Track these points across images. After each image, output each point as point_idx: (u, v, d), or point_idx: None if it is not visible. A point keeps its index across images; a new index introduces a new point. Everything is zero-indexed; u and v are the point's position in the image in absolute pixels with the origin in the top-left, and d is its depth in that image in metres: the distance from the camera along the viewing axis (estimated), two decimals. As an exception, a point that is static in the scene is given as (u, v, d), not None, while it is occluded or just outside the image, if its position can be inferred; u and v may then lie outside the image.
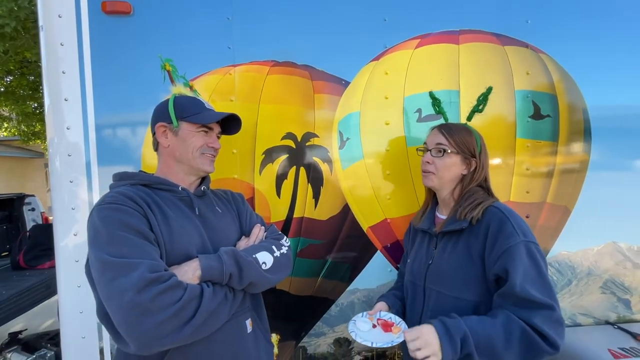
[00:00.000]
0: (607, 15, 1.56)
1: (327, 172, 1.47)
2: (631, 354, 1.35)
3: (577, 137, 1.57)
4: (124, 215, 0.85)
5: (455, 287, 1.07)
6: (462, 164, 1.15)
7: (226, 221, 1.08)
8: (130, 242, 0.82)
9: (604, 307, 1.63)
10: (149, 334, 0.76)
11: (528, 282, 0.95)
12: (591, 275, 1.63)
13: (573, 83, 1.55)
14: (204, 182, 1.09)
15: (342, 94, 1.46)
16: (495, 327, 0.95)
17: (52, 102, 1.38)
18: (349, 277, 1.52)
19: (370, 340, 1.04)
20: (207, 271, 0.88)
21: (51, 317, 3.82)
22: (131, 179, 0.99)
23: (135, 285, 0.75)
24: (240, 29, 1.41)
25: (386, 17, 1.46)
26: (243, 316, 1.00)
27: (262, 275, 0.95)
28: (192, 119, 1.01)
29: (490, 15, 1.51)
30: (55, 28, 1.35)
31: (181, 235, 0.93)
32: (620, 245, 1.64)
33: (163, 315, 0.76)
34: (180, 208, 0.99)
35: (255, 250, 0.99)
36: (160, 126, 1.03)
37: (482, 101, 1.28)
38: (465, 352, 0.93)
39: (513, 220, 1.01)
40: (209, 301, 0.83)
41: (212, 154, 1.06)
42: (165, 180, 1.01)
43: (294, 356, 1.51)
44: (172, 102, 1.03)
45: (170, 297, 0.77)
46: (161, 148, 1.05)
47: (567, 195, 1.59)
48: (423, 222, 1.25)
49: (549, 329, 0.92)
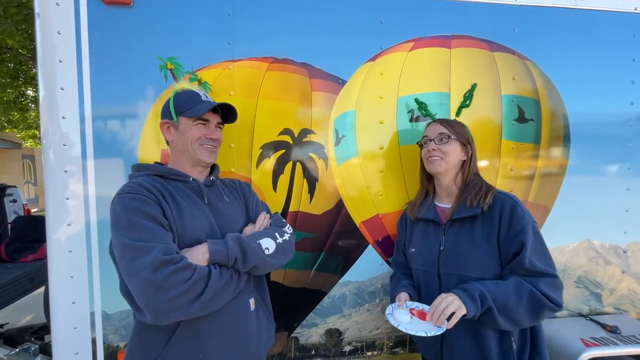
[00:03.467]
0: (588, 26, 1.66)
1: (322, 168, 1.51)
2: (601, 343, 1.45)
3: (557, 141, 1.66)
4: (141, 204, 0.94)
5: (476, 268, 1.17)
6: (461, 150, 1.27)
7: (234, 209, 1.15)
8: (147, 227, 0.91)
9: (578, 300, 1.74)
10: (163, 307, 0.86)
11: (534, 256, 1.10)
12: (566, 271, 1.73)
13: (555, 90, 1.65)
14: (213, 173, 1.16)
15: (338, 92, 1.50)
16: (508, 288, 1.08)
17: (47, 91, 1.36)
18: (341, 270, 1.57)
19: (423, 330, 1.07)
20: (215, 254, 0.96)
21: (32, 311, 3.73)
22: (147, 170, 1.08)
23: (150, 265, 0.85)
24: (240, 25, 1.43)
25: (382, 20, 1.51)
26: (247, 296, 1.10)
27: (265, 260, 1.03)
28: (187, 113, 1.07)
29: (480, 22, 1.58)
30: (52, 16, 1.34)
31: (192, 222, 1.01)
32: (593, 243, 1.75)
33: (175, 292, 0.85)
34: (191, 197, 1.06)
35: (259, 236, 1.06)
36: (164, 123, 1.11)
37: (468, 97, 1.41)
38: (485, 306, 1.06)
39: (520, 204, 1.16)
40: (215, 281, 0.92)
41: (211, 144, 1.11)
42: (177, 171, 1.09)
43: (286, 346, 1.55)
44: (172, 99, 1.09)
45: (181, 276, 0.86)
46: (169, 143, 1.14)
47: (546, 195, 1.68)
48: (426, 212, 1.32)
49: (552, 292, 1.07)
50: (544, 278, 1.09)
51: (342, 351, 1.59)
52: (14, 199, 4.05)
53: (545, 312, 1.09)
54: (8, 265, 2.77)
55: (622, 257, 1.76)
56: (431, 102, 1.53)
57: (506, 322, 1.08)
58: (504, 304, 1.07)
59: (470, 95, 1.42)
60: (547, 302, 1.07)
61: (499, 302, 1.07)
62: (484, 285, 1.10)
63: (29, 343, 2.27)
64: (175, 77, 1.22)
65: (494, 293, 1.08)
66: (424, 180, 1.40)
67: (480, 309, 1.06)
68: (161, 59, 1.22)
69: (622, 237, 1.75)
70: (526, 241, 1.09)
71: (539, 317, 1.10)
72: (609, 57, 1.69)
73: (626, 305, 1.77)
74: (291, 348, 1.56)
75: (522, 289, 1.08)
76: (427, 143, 1.30)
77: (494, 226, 1.16)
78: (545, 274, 1.09)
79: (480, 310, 1.07)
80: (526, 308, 1.07)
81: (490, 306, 1.06)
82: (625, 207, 1.74)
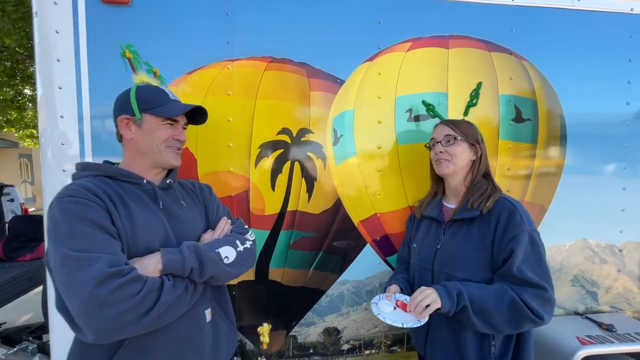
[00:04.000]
0: (585, 26, 1.67)
1: (320, 167, 1.52)
2: (597, 341, 1.47)
3: (554, 141, 1.68)
4: (85, 209, 0.84)
5: (466, 270, 1.17)
6: (470, 151, 1.26)
7: (192, 214, 1.07)
8: (91, 236, 0.82)
9: (574, 299, 1.75)
10: (108, 325, 0.78)
11: (525, 265, 1.07)
12: (563, 270, 1.74)
13: (552, 90, 1.66)
14: (170, 175, 1.08)
15: (337, 92, 1.51)
16: (489, 292, 1.08)
17: (45, 91, 1.36)
18: (339, 269, 1.57)
19: (400, 321, 1.10)
20: (169, 265, 0.89)
21: (30, 311, 3.72)
22: (94, 171, 0.97)
23: (94, 279, 0.77)
24: (239, 25, 1.43)
25: (381, 20, 1.52)
26: (203, 306, 1.02)
27: (223, 270, 0.97)
28: (156, 112, 0.98)
29: (478, 22, 1.59)
30: (51, 15, 1.34)
31: (144, 229, 0.92)
32: (590, 242, 1.76)
33: (122, 307, 0.78)
34: (144, 201, 0.98)
35: (218, 244, 0.99)
36: (123, 119, 1.00)
37: (475, 96, 1.40)
38: (461, 304, 1.07)
39: (521, 211, 1.13)
40: (168, 293, 0.85)
41: (178, 146, 1.04)
42: (130, 172, 0.99)
43: (284, 345, 1.56)
44: (134, 93, 0.99)
45: (129, 290, 0.79)
46: (125, 140, 1.02)
47: (543, 195, 1.69)
48: (431, 210, 1.33)
49: (536, 304, 1.04)
50: (532, 289, 1.06)
51: (340, 350, 1.60)
52: (12, 198, 4.03)
53: (525, 322, 1.06)
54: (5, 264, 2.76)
55: (618, 256, 1.77)
56: (429, 102, 1.53)
57: (482, 325, 1.08)
58: (481, 306, 1.06)
59: (477, 94, 1.41)
60: (528, 313, 1.04)
61: (476, 303, 1.07)
62: (466, 285, 1.10)
63: (26, 342, 2.27)
64: (133, 67, 1.13)
65: (472, 293, 1.08)
66: (433, 182, 1.40)
67: (455, 306, 1.07)
68: (120, 45, 1.13)
69: (618, 236, 1.77)
70: (517, 248, 1.06)
71: (519, 326, 1.08)
72: (606, 57, 1.70)
73: (622, 303, 1.79)
74: (289, 347, 1.56)
75: (503, 295, 1.06)
76: (434, 145, 1.29)
77: (489, 230, 1.15)
78: (534, 285, 1.06)
79: (456, 307, 1.07)
80: (505, 314, 1.06)
81: (466, 305, 1.06)
82: (621, 206, 1.76)
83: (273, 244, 1.51)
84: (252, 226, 1.48)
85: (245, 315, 1.51)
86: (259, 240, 1.49)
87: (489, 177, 1.27)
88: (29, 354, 2.19)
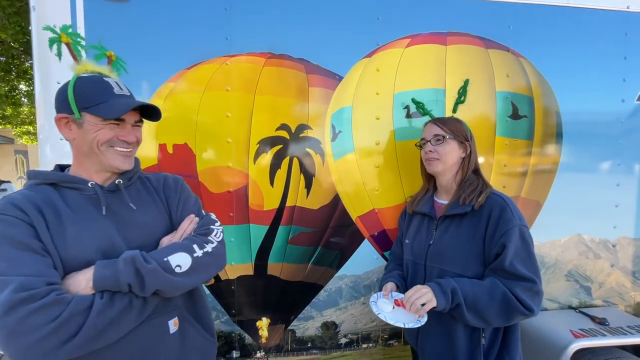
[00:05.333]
0: (581, 24, 1.69)
1: (319, 163, 1.53)
2: (590, 334, 1.50)
3: (550, 138, 1.69)
4: (5, 227, 0.78)
5: (458, 264, 1.19)
6: (459, 148, 1.28)
7: (148, 216, 0.96)
8: (8, 256, 0.76)
9: (568, 293, 1.78)
10: (24, 354, 0.72)
11: (517, 260, 1.09)
12: (557, 265, 1.77)
13: (549, 87, 1.67)
14: (125, 174, 0.95)
15: (335, 88, 1.51)
16: (482, 287, 1.11)
17: (43, 86, 1.36)
18: (337, 264, 1.59)
19: (401, 321, 1.11)
20: (99, 282, 0.79)
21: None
22: (35, 179, 0.90)
23: (2, 306, 0.71)
24: (237, 20, 1.43)
25: (379, 16, 1.53)
26: (165, 317, 0.93)
27: (171, 281, 0.85)
28: (94, 111, 0.85)
29: (475, 19, 1.60)
30: (48, 9, 1.33)
31: (79, 240, 0.84)
32: (584, 237, 1.79)
33: (36, 335, 0.71)
34: (85, 209, 0.88)
35: (171, 250, 0.88)
36: (62, 118, 0.88)
37: (462, 93, 1.41)
38: (455, 302, 1.09)
39: (511, 207, 1.16)
40: (100, 314, 0.76)
41: (125, 147, 0.91)
42: (72, 177, 0.89)
43: (283, 339, 1.58)
44: (71, 88, 0.85)
45: (43, 315, 0.72)
46: (71, 142, 0.91)
47: (539, 191, 1.71)
48: (423, 206, 1.35)
49: (527, 297, 1.07)
50: (522, 282, 1.08)
51: (338, 344, 1.62)
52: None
53: (516, 315, 1.09)
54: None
55: (612, 251, 1.80)
56: (427, 98, 1.54)
57: (475, 320, 1.11)
58: (475, 303, 1.09)
59: (464, 91, 1.43)
60: (519, 306, 1.07)
61: (470, 300, 1.09)
62: (459, 282, 1.12)
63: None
64: (74, 54, 0.92)
65: (466, 290, 1.10)
66: (425, 179, 1.42)
67: (450, 304, 1.10)
68: (51, 29, 0.90)
69: (611, 231, 1.79)
70: (508, 243, 1.09)
71: (510, 319, 1.11)
72: (601, 54, 1.71)
73: (615, 298, 1.82)
74: (288, 341, 1.58)
75: (496, 290, 1.09)
76: (424, 145, 1.32)
77: (481, 226, 1.17)
78: (524, 279, 1.08)
79: (451, 304, 1.10)
80: (497, 309, 1.08)
81: (460, 302, 1.09)
82: (615, 202, 1.78)
83: (272, 239, 1.52)
84: (251, 221, 1.49)
85: (244, 310, 1.53)
86: (257, 236, 1.50)
87: (478, 173, 1.29)
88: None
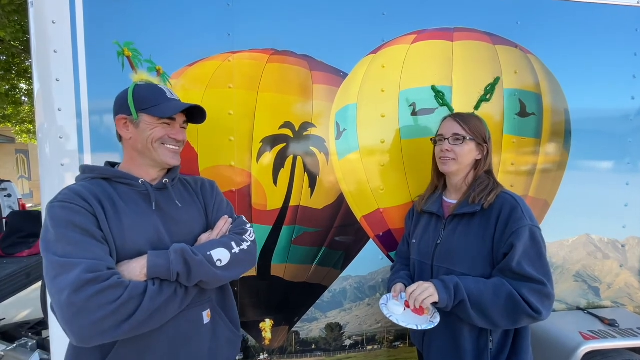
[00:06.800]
0: (591, 19, 1.65)
1: (323, 162, 1.50)
2: (599, 336, 1.47)
3: (558, 136, 1.66)
4: (70, 214, 0.86)
5: (465, 265, 1.15)
6: (476, 150, 1.23)
7: (189, 214, 1.06)
8: (74, 240, 0.83)
9: (576, 294, 1.75)
10: (85, 331, 0.79)
11: (525, 260, 1.05)
12: (565, 265, 1.74)
13: (557, 84, 1.64)
14: (169, 174, 1.07)
15: (340, 85, 1.48)
16: (487, 286, 1.07)
17: (42, 83, 1.33)
18: (341, 265, 1.56)
19: (414, 323, 1.08)
20: (153, 269, 0.88)
21: (28, 307, 3.71)
22: (91, 173, 0.99)
23: (72, 285, 0.77)
24: (240, 16, 1.40)
25: (385, 12, 1.49)
26: (200, 308, 1.02)
27: (214, 274, 0.94)
28: (151, 112, 0.98)
29: (483, 14, 1.56)
30: (47, 5, 1.30)
31: (132, 231, 0.92)
32: (592, 237, 1.76)
33: (99, 314, 0.78)
34: (137, 203, 0.98)
35: (212, 246, 0.98)
36: (121, 118, 1.00)
37: (490, 91, 1.36)
38: (459, 298, 1.06)
39: (522, 206, 1.11)
40: (152, 299, 0.85)
41: (174, 145, 1.03)
42: (125, 174, 0.99)
43: (287, 340, 1.55)
44: (131, 93, 0.99)
45: (107, 296, 0.79)
46: (124, 140, 1.03)
47: (547, 190, 1.68)
48: (431, 205, 1.31)
49: (534, 299, 1.03)
50: (530, 283, 1.04)
51: (343, 345, 1.59)
52: (9, 194, 3.99)
53: (523, 317, 1.05)
54: (3, 260, 2.73)
55: (621, 251, 1.77)
56: (433, 96, 1.51)
57: (480, 319, 1.07)
58: (479, 300, 1.06)
59: (492, 89, 1.36)
60: (526, 308, 1.03)
61: (474, 298, 1.06)
62: (463, 279, 1.10)
63: (26, 338, 2.25)
64: (133, 65, 1.12)
65: (470, 288, 1.07)
66: (435, 176, 1.36)
67: (453, 300, 1.07)
68: (118, 44, 1.10)
69: (620, 231, 1.76)
70: (517, 243, 1.05)
71: (517, 321, 1.06)
72: (611, 51, 1.68)
73: (624, 298, 1.79)
74: (292, 342, 1.56)
75: (501, 289, 1.05)
76: (441, 142, 1.25)
77: (490, 225, 1.13)
78: (533, 280, 1.04)
79: (454, 301, 1.07)
80: (503, 309, 1.05)
81: (464, 299, 1.06)
82: (624, 201, 1.75)
83: (275, 239, 1.49)
84: (254, 221, 1.46)
85: (247, 311, 1.50)
86: (261, 236, 1.47)
87: (489, 173, 1.25)
88: (28, 350, 2.17)
